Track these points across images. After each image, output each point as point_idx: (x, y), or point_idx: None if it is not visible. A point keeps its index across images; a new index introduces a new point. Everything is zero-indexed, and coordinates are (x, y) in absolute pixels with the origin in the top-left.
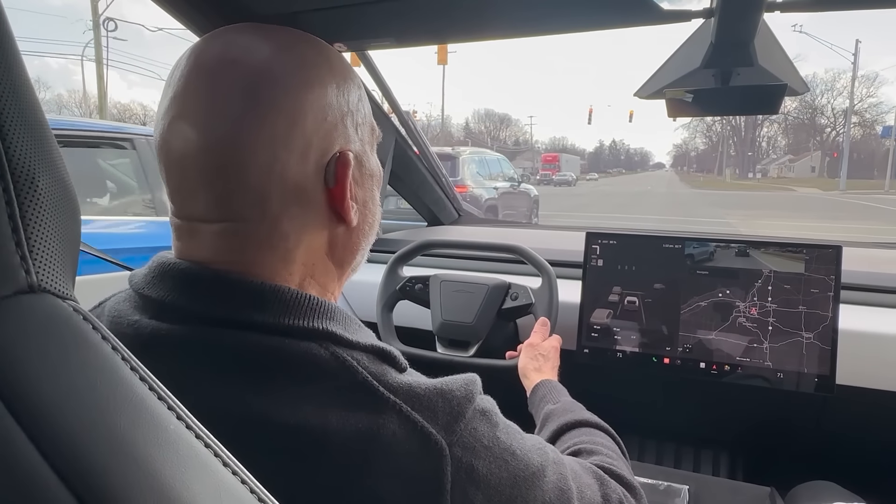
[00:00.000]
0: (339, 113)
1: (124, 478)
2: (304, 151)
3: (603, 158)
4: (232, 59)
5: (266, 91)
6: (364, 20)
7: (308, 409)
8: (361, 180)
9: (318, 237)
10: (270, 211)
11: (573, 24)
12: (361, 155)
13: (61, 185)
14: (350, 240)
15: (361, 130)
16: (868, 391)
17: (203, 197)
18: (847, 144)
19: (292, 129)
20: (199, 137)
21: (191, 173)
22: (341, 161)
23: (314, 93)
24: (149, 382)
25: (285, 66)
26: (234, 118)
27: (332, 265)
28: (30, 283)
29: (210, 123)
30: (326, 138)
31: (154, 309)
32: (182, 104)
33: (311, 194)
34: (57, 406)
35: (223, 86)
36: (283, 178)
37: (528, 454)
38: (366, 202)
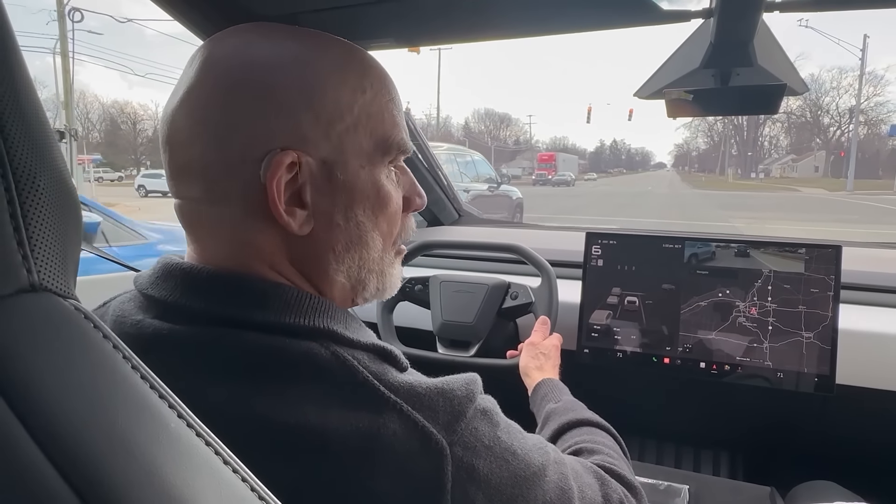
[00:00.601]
0: (293, 111)
1: (125, 476)
2: (240, 139)
3: (604, 158)
4: (207, 51)
5: (220, 78)
6: (364, 21)
7: (309, 409)
8: (329, 190)
9: (266, 235)
10: (207, 193)
11: (573, 25)
12: (333, 163)
13: (62, 184)
14: (308, 251)
15: (342, 137)
16: (868, 391)
17: (166, 170)
18: (854, 143)
19: (232, 113)
20: (168, 113)
21: (161, 146)
22: (276, 160)
23: (264, 84)
24: (149, 381)
25: (245, 58)
26: (189, 98)
27: (298, 274)
28: (31, 281)
29: (178, 103)
30: (266, 131)
31: (157, 309)
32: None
33: (246, 185)
34: (58, 404)
35: (194, 72)
36: (217, 161)
37: (529, 454)
38: (331, 215)
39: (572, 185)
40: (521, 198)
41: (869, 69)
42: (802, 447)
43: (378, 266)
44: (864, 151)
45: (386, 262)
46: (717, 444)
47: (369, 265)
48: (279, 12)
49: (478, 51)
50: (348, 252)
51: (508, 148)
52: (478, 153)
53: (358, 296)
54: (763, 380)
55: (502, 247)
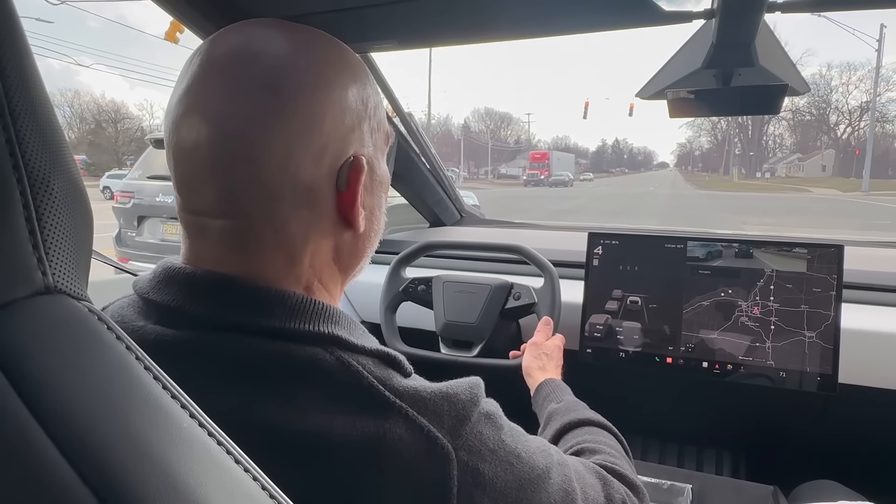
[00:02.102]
0: (357, 116)
1: (140, 474)
2: (319, 153)
3: (606, 158)
4: (253, 53)
5: (286, 88)
6: (366, 22)
7: (314, 414)
8: (371, 186)
9: (325, 242)
10: (279, 211)
11: (574, 26)
12: (373, 161)
13: (75, 189)
14: (356, 246)
15: (376, 136)
16: (870, 390)
17: (210, 190)
18: (870, 140)
19: (310, 129)
20: (212, 128)
21: (199, 164)
22: (355, 166)
23: (335, 94)
24: (162, 381)
25: (307, 64)
26: (250, 111)
27: (336, 270)
28: (46, 284)
29: (225, 115)
30: (343, 141)
31: (159, 314)
32: (197, 94)
33: (321, 197)
34: (74, 404)
35: (242, 78)
36: (296, 179)
37: (533, 456)
38: (373, 209)
39: (570, 186)
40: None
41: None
42: (805, 446)
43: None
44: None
45: None
46: (719, 443)
47: (378, 241)
48: (282, 14)
49: (478, 49)
50: (377, 237)
51: (509, 147)
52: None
53: (359, 271)
54: (765, 379)
55: (505, 247)
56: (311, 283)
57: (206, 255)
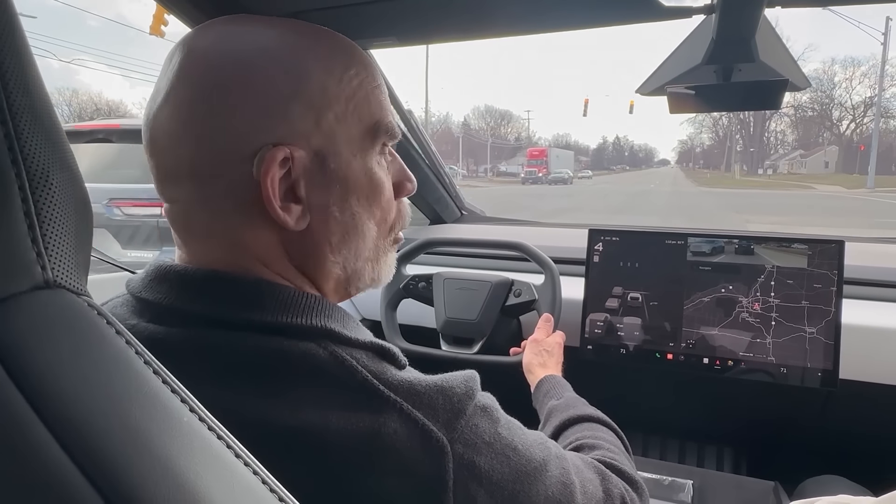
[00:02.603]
0: (281, 103)
1: (141, 468)
2: (229, 138)
3: (606, 155)
4: (187, 45)
5: (203, 75)
6: (365, 19)
7: (308, 410)
8: (324, 182)
9: (260, 233)
10: (197, 195)
11: (574, 21)
12: (325, 154)
13: (74, 183)
14: (305, 246)
15: (332, 127)
16: (871, 385)
17: (154, 174)
18: (876, 136)
19: (218, 113)
20: (150, 115)
21: (145, 150)
22: (269, 156)
23: (249, 78)
24: (162, 376)
25: (228, 52)
26: (173, 98)
27: (294, 269)
28: (45, 278)
29: (161, 104)
30: (256, 127)
31: (151, 312)
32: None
33: (237, 185)
34: (74, 398)
35: (174, 68)
36: (206, 162)
37: (530, 449)
38: (326, 207)
39: (570, 183)
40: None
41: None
42: (806, 442)
43: (373, 254)
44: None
45: (381, 250)
46: (720, 439)
47: (365, 254)
48: (279, 11)
49: (478, 47)
50: (344, 243)
51: (509, 145)
52: None
53: (352, 286)
54: (766, 375)
55: (505, 244)
56: (274, 278)
57: (195, 252)
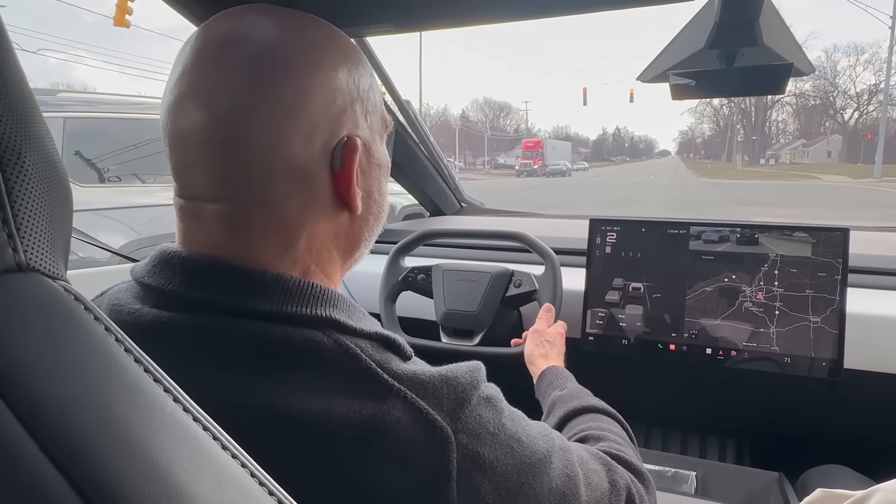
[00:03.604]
0: (349, 97)
1: (119, 461)
2: (310, 133)
3: (606, 146)
4: (241, 36)
5: (273, 69)
6: (360, 6)
7: (312, 398)
8: (368, 168)
9: (322, 223)
10: (272, 193)
11: (574, 6)
12: (370, 143)
13: (49, 163)
14: (354, 228)
15: (371, 118)
16: (876, 375)
17: (203, 174)
18: (883, 124)
19: (299, 109)
20: (202, 112)
21: (191, 149)
22: (348, 146)
23: (323, 74)
24: (144, 364)
25: (295, 46)
26: (237, 93)
27: (335, 254)
28: (17, 261)
29: (213, 98)
30: (334, 122)
31: (155, 298)
32: (188, 79)
33: (315, 178)
34: (48, 388)
35: (229, 61)
36: (287, 159)
37: (534, 440)
38: (371, 191)
39: (568, 176)
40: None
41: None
42: (809, 432)
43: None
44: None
45: None
46: (723, 430)
47: (381, 226)
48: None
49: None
50: (377, 221)
51: (508, 137)
52: None
53: (360, 256)
54: (770, 365)
55: (505, 234)
56: (309, 267)
57: (200, 239)
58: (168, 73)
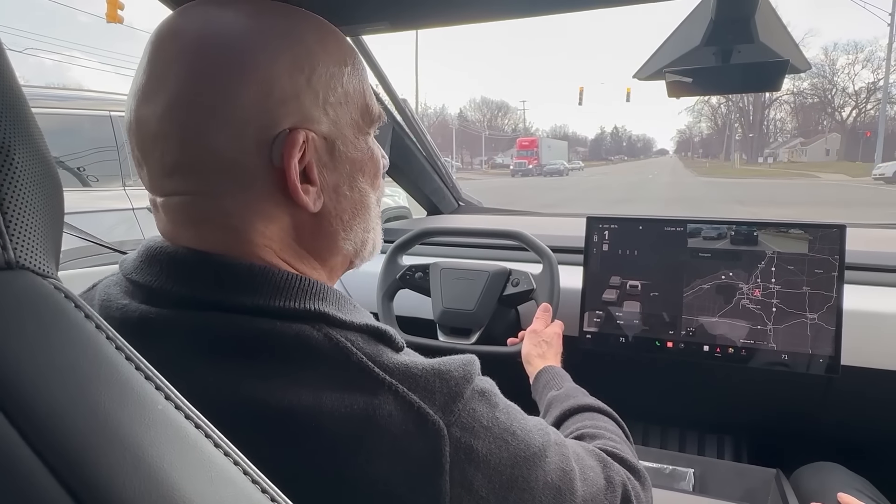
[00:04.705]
0: (292, 89)
1: (110, 459)
2: (241, 127)
3: (604, 145)
4: (176, 30)
5: (201, 61)
6: (357, 4)
7: (302, 392)
8: (333, 164)
9: (274, 220)
10: (206, 187)
11: (571, 4)
12: (334, 137)
13: (40, 160)
14: (319, 227)
15: (336, 111)
16: (873, 371)
17: (148, 169)
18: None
19: (227, 102)
20: (142, 107)
21: (138, 143)
22: (289, 140)
23: (256, 64)
24: (135, 362)
25: (227, 36)
26: (172, 87)
27: (304, 252)
28: (7, 259)
29: (151, 93)
30: (268, 115)
31: (143, 294)
32: (136, 75)
33: (252, 173)
34: (37, 386)
35: (165, 57)
36: (216, 153)
37: (529, 434)
38: (338, 187)
39: (566, 175)
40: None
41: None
42: (807, 429)
43: (375, 224)
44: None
45: (378, 220)
46: (720, 427)
47: (371, 226)
48: None
49: (473, 40)
50: (355, 219)
51: (505, 136)
52: None
53: (358, 258)
54: (767, 362)
55: (503, 233)
56: (279, 264)
57: (166, 231)
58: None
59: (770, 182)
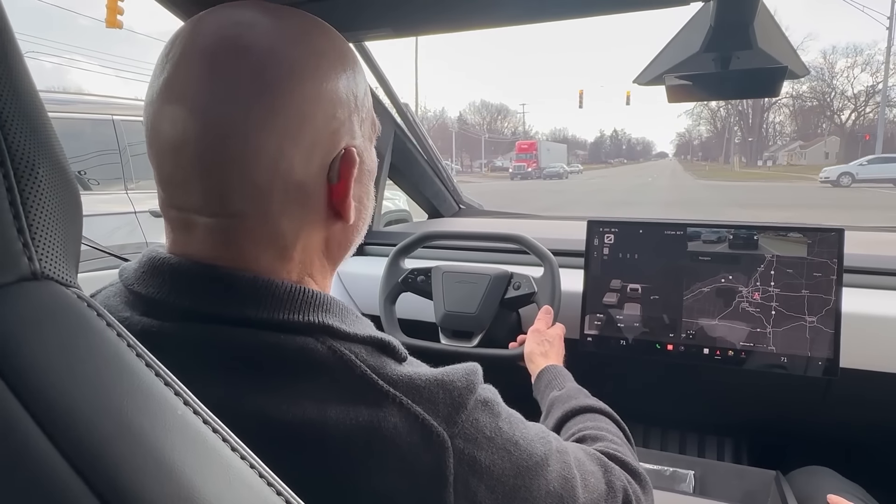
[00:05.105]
0: (348, 109)
1: (134, 463)
2: (310, 149)
3: (604, 148)
4: (243, 44)
5: (277, 80)
6: (360, 9)
7: (307, 405)
8: (360, 177)
9: (315, 235)
10: (268, 209)
11: (572, 11)
12: (363, 151)
13: (61, 173)
14: (346, 237)
15: (364, 126)
16: (872, 374)
17: (199, 188)
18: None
19: (302, 124)
20: (198, 124)
21: (185, 162)
22: (346, 159)
23: (326, 86)
24: (155, 368)
25: (298, 56)
26: (239, 106)
27: (326, 262)
28: (32, 270)
29: (211, 110)
30: (334, 136)
31: (145, 305)
32: (180, 87)
33: (313, 192)
34: (63, 392)
35: (231, 72)
36: (286, 176)
37: (531, 444)
38: (362, 198)
39: (565, 178)
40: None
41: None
42: (806, 431)
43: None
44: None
45: None
46: (721, 429)
47: (367, 226)
48: (276, 1)
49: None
50: (364, 224)
51: (505, 139)
52: None
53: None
54: (767, 364)
55: (504, 237)
56: (302, 278)
57: (193, 250)
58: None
59: (769, 185)
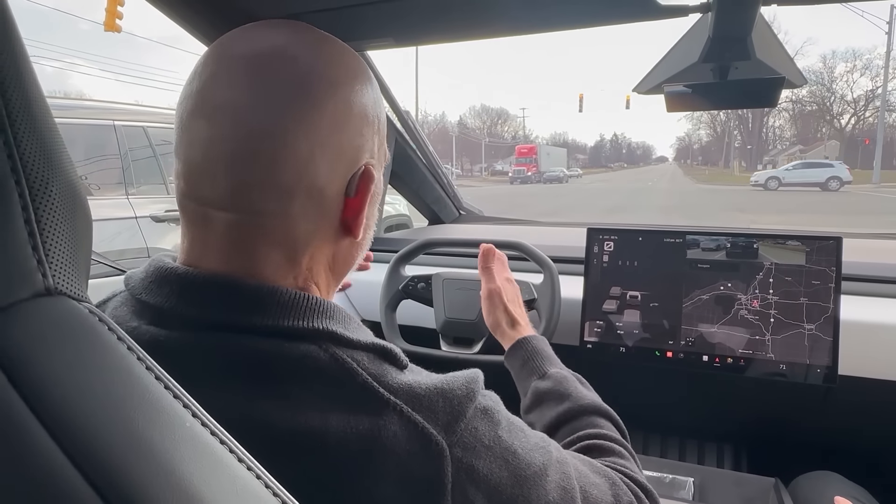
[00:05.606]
0: (372, 129)
1: (144, 474)
2: (337, 158)
3: (604, 153)
4: (289, 55)
5: (318, 89)
6: (363, 20)
7: (309, 412)
8: (372, 198)
9: (325, 246)
10: (289, 210)
11: (571, 21)
12: (375, 170)
13: (73, 190)
14: (350, 254)
15: (381, 150)
16: (870, 381)
17: (224, 182)
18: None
19: (333, 133)
20: (235, 122)
21: (216, 153)
22: (365, 175)
23: (358, 102)
24: (164, 381)
25: (336, 70)
26: (279, 108)
27: (331, 276)
28: (47, 286)
29: (251, 110)
30: (358, 150)
31: (152, 315)
32: (218, 88)
33: (331, 202)
34: (77, 405)
35: (273, 77)
36: (313, 180)
37: (531, 453)
38: (370, 219)
39: (566, 182)
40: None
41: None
42: (805, 438)
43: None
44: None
45: None
46: (720, 436)
47: (369, 245)
48: (280, 13)
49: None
50: (367, 243)
51: (505, 143)
52: None
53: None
54: (766, 372)
55: (504, 244)
56: (308, 286)
57: (209, 248)
58: (161, 79)
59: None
